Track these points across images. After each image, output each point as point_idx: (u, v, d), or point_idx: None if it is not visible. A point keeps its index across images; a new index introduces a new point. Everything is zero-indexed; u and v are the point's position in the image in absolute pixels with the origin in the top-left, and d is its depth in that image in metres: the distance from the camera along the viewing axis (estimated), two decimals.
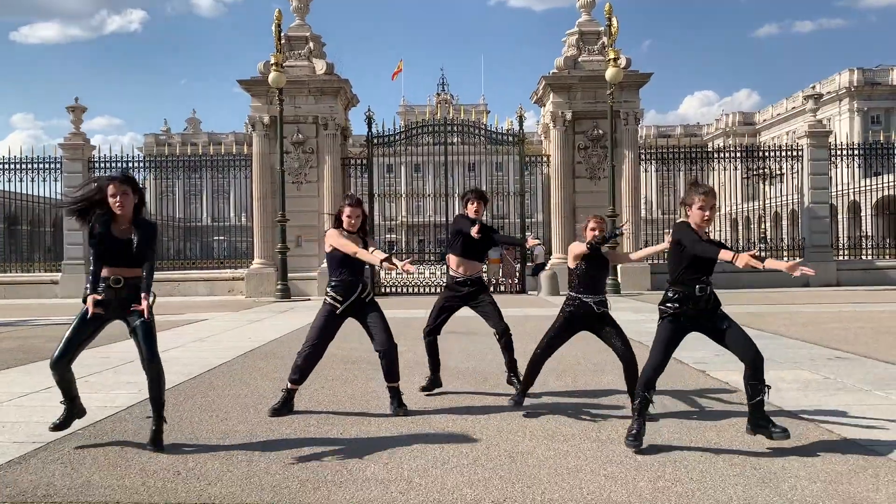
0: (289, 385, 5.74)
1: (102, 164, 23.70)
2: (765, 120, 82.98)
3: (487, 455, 4.50)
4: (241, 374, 7.65)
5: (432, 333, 6.57)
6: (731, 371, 7.23)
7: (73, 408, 4.81)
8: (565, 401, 6.17)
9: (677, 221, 4.81)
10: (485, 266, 6.74)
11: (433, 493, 3.79)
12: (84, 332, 4.62)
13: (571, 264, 5.56)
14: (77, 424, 4.98)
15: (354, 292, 5.62)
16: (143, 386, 6.72)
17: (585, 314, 5.48)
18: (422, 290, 22.56)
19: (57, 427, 4.74)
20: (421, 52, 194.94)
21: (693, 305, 4.61)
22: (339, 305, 5.61)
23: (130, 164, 23.68)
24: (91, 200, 4.63)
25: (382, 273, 23.58)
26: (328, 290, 5.71)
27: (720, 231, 36.15)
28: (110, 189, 4.55)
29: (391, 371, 5.71)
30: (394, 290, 22.91)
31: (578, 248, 5.48)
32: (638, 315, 13.57)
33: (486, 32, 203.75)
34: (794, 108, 74.74)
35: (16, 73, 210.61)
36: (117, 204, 4.54)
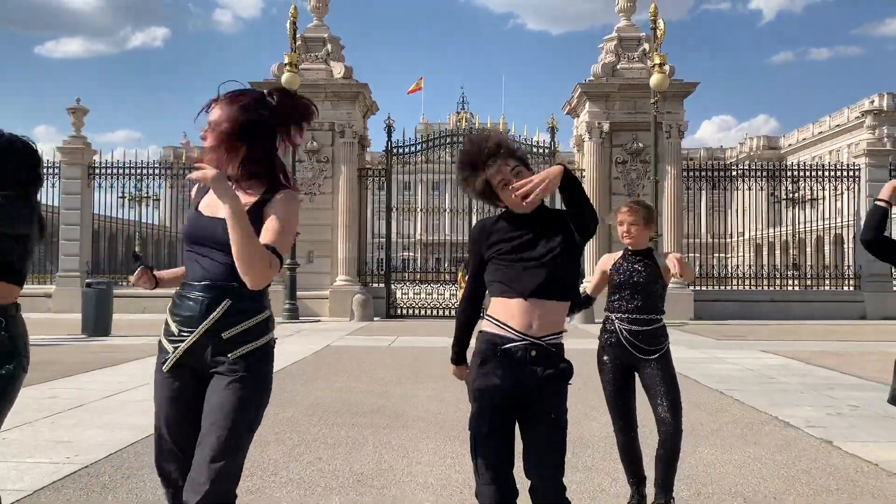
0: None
1: (103, 172, 22.24)
2: (790, 144, 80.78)
3: None
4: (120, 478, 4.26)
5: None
6: (866, 442, 5.46)
7: None
8: None
9: None
10: (572, 317, 3.17)
11: None
12: None
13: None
14: None
15: (195, 326, 2.29)
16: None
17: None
18: (440, 312, 20.75)
19: None
20: (438, 73, 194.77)
21: None
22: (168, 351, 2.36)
23: (135, 172, 22.22)
24: None
25: (399, 293, 21.90)
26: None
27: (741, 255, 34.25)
28: None
29: None
30: (410, 311, 21.17)
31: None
32: (694, 351, 11.77)
33: (503, 54, 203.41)
34: (821, 132, 72.72)
35: (40, 86, 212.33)
36: None
